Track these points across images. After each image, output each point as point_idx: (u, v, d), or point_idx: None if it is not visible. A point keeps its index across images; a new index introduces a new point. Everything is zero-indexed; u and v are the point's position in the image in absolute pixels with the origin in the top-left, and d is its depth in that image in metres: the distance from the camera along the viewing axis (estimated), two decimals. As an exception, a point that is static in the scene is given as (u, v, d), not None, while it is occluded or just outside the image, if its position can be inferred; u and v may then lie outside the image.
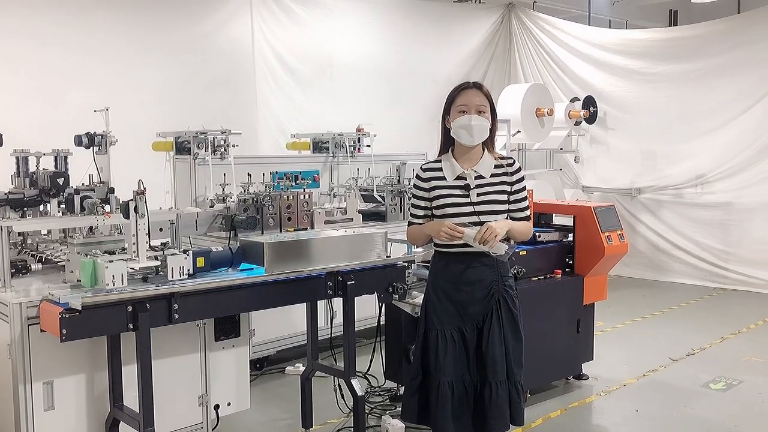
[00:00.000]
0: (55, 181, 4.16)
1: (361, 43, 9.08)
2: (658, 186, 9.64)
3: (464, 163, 3.39)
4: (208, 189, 5.72)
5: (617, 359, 6.06)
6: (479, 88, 3.41)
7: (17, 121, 5.71)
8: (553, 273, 5.15)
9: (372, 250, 4.10)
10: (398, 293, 4.24)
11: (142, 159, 6.27)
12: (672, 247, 9.50)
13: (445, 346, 3.33)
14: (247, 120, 7.76)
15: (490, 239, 3.14)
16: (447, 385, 3.30)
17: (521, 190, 3.43)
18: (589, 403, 5.12)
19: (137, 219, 3.49)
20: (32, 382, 3.43)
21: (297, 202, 5.58)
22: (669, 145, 9.49)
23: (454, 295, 3.36)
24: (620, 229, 5.29)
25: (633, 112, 9.75)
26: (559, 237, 5.34)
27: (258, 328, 5.49)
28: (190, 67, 7.41)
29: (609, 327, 7.01)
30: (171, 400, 3.87)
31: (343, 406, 4.68)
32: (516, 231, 3.34)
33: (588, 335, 5.40)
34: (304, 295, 4.03)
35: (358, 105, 8.62)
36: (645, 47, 9.71)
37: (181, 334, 3.90)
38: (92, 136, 4.39)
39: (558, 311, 5.10)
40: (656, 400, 5.14)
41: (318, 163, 6.85)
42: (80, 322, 3.15)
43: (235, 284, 3.61)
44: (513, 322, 3.39)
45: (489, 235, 3.15)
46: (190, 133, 5.81)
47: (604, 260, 5.16)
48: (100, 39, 6.76)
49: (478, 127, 3.32)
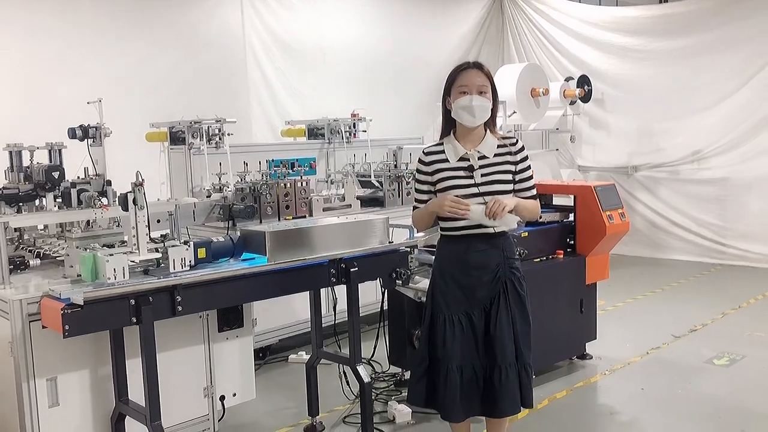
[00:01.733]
0: (50, 175, 4.08)
1: (353, 28, 8.99)
2: (654, 163, 9.62)
3: (467, 144, 3.35)
4: (204, 179, 5.67)
5: (620, 338, 6.05)
6: (480, 68, 3.37)
7: (9, 116, 5.63)
8: (554, 254, 5.13)
9: (374, 236, 4.06)
10: (401, 279, 4.21)
11: (135, 150, 6.22)
12: (669, 224, 9.50)
13: (452, 330, 3.31)
14: (240, 108, 7.69)
15: (498, 211, 3.11)
16: (455, 369, 3.29)
17: (526, 169, 3.40)
18: (594, 383, 5.12)
19: (136, 211, 3.42)
20: (35, 378, 3.39)
21: (294, 190, 5.55)
22: (664, 122, 9.47)
23: (461, 279, 3.33)
24: (621, 207, 5.27)
25: (627, 89, 9.70)
26: (560, 217, 5.32)
27: (260, 317, 5.42)
28: (180, 56, 7.31)
29: (610, 306, 7.00)
30: (176, 392, 3.83)
31: (348, 392, 4.67)
32: (524, 208, 3.31)
33: (591, 315, 5.39)
34: (308, 284, 3.98)
35: (352, 91, 8.55)
36: (638, 24, 9.65)
37: (185, 326, 3.85)
38: (86, 128, 4.32)
39: (561, 292, 5.08)
40: (661, 378, 5.14)
41: (314, 149, 6.80)
42: (82, 318, 3.10)
43: (237, 274, 3.56)
44: (521, 305, 3.37)
45: (497, 207, 3.12)
46: (185, 123, 5.75)
47: (605, 239, 5.13)
48: (87, 30, 6.65)
49: (479, 107, 3.28)
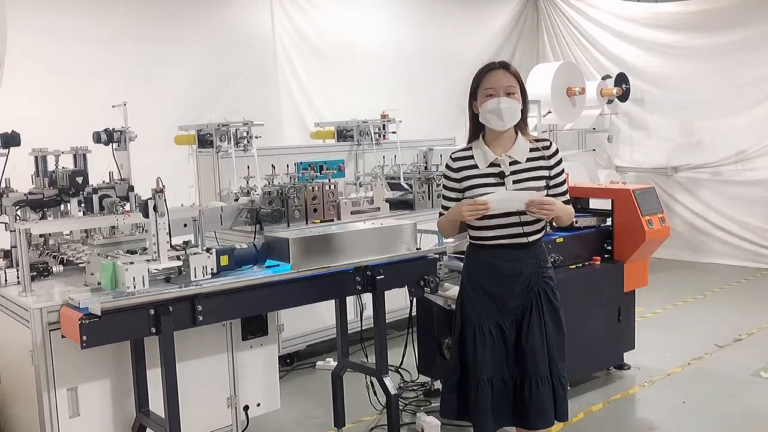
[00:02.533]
0: (74, 180, 4.02)
1: (383, 26, 8.86)
2: (695, 164, 9.29)
3: (497, 149, 3.19)
4: (232, 182, 5.62)
5: (659, 347, 5.81)
6: (506, 68, 3.20)
7: (36, 120, 5.62)
8: (591, 260, 4.93)
9: (401, 242, 3.93)
10: (430, 286, 4.06)
11: (165, 153, 6.20)
12: (711, 227, 9.16)
13: (483, 342, 3.16)
14: (270, 110, 7.64)
15: (547, 213, 3.00)
16: (486, 382, 3.14)
17: (560, 173, 3.23)
18: (633, 395, 4.91)
19: (157, 218, 3.34)
20: (56, 388, 3.33)
21: (323, 193, 5.46)
22: (706, 121, 9.13)
23: (491, 288, 3.18)
24: (661, 212, 5.05)
25: (668, 88, 9.39)
26: (597, 222, 5.12)
27: (287, 323, 5.36)
28: (209, 58, 7.25)
29: (649, 312, 6.75)
30: (199, 402, 3.75)
31: (375, 402, 4.54)
32: (563, 213, 3.15)
33: (629, 323, 5.17)
34: (332, 292, 3.86)
35: (382, 91, 8.41)
36: (678, 20, 9.32)
37: (208, 335, 3.77)
38: (111, 132, 4.28)
39: (598, 299, 4.88)
40: (704, 391, 4.91)
41: (343, 151, 6.69)
42: (101, 328, 3.03)
43: (260, 283, 3.47)
44: (554, 315, 3.21)
45: (548, 207, 2.99)
46: (212, 126, 5.69)
47: (645, 245, 4.92)
48: (118, 32, 6.62)
49: (508, 109, 3.11)
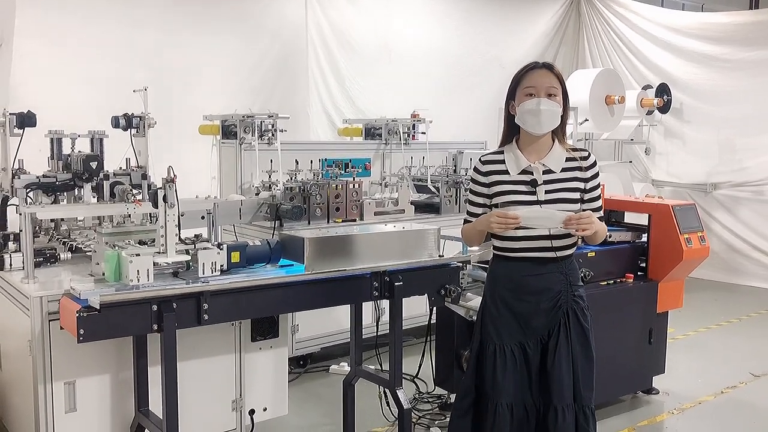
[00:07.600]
0: (87, 164, 3.87)
1: (422, 25, 8.63)
2: (735, 181, 8.92)
3: (530, 155, 2.97)
4: (254, 176, 5.46)
5: (691, 372, 5.51)
6: (550, 69, 2.98)
7: (61, 102, 5.53)
8: (624, 277, 4.67)
9: (423, 248, 3.71)
10: (451, 296, 3.84)
11: (191, 142, 6.06)
12: (750, 248, 8.78)
13: (504, 363, 2.94)
14: (299, 104, 7.48)
15: (586, 230, 2.78)
16: (506, 407, 2.92)
17: (596, 187, 3.00)
18: (660, 423, 4.63)
19: (166, 209, 3.17)
20: (53, 381, 3.20)
21: (346, 192, 5.29)
22: (750, 138, 8.75)
23: (516, 305, 2.95)
24: (701, 230, 4.79)
25: (711, 101, 9.02)
26: (632, 237, 4.85)
27: (301, 324, 5.19)
28: (240, 49, 7.09)
29: (680, 334, 6.44)
30: (202, 404, 3.59)
31: (388, 414, 4.32)
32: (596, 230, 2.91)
33: (660, 346, 4.90)
34: (347, 297, 3.65)
35: (416, 90, 8.18)
36: (726, 31, 8.96)
37: (215, 334, 3.59)
38: (130, 117, 4.13)
39: (628, 319, 4.62)
40: (737, 423, 4.62)
41: (370, 150, 6.49)
42: (99, 322, 2.87)
43: (270, 283, 3.27)
44: (583, 338, 2.97)
45: (587, 223, 2.77)
46: (237, 117, 5.54)
47: (682, 265, 4.65)
48: (147, 20, 6.48)
49: (547, 112, 2.89)
